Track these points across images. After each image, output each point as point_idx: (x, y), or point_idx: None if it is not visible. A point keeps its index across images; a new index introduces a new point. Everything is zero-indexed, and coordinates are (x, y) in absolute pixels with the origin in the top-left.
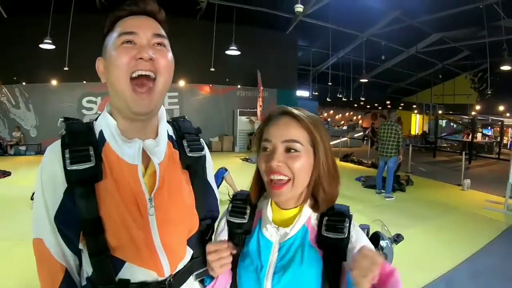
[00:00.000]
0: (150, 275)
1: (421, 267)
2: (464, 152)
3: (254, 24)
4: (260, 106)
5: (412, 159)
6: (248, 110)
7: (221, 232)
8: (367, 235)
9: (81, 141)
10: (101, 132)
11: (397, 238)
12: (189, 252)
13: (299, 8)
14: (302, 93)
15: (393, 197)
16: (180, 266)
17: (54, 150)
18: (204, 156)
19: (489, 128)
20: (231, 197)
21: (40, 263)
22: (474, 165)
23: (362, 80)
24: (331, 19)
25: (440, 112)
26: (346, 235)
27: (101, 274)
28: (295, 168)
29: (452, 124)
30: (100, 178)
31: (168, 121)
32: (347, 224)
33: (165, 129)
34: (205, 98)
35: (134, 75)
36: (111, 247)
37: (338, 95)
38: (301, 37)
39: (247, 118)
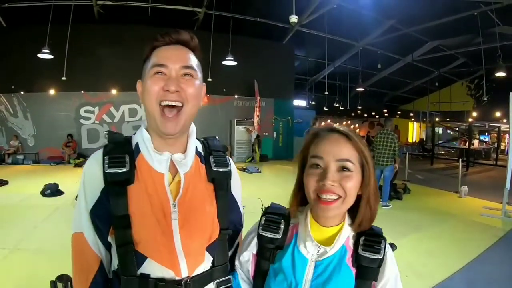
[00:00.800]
0: (168, 273)
1: (417, 275)
2: (461, 159)
3: (251, 34)
4: (258, 115)
5: (410, 167)
6: (245, 120)
7: (250, 245)
8: None
9: (120, 150)
10: (137, 144)
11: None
12: (208, 258)
13: (293, 19)
14: (299, 102)
15: (390, 205)
16: (199, 270)
17: (96, 156)
18: (229, 171)
19: (486, 134)
20: (263, 210)
21: (78, 255)
22: (472, 172)
23: (358, 89)
24: (327, 28)
25: (437, 119)
26: (382, 256)
27: (125, 265)
28: (347, 188)
29: (448, 131)
30: (131, 182)
31: (199, 139)
32: (383, 246)
33: (194, 145)
34: (202, 108)
35: (162, 103)
36: (135, 242)
37: (335, 104)
38: (297, 46)
39: (243, 127)
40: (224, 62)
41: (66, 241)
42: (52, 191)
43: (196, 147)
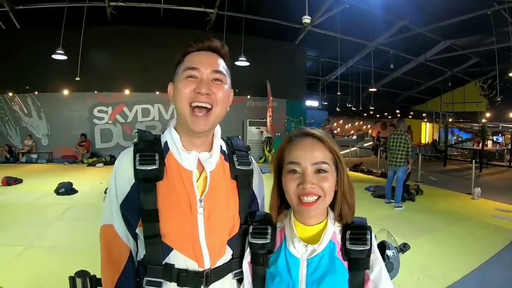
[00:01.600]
0: (191, 264)
1: (429, 276)
2: (474, 161)
3: (263, 34)
4: (270, 116)
5: (422, 168)
6: (258, 120)
7: (245, 255)
8: None
9: (150, 148)
10: (166, 143)
11: (404, 248)
12: (228, 252)
13: (306, 19)
14: (312, 103)
15: (402, 206)
16: (220, 262)
17: (127, 153)
18: (251, 170)
19: (500, 135)
20: (250, 220)
21: (108, 246)
22: (485, 173)
23: (371, 89)
24: (340, 29)
25: (450, 120)
26: (369, 247)
27: (152, 255)
28: (325, 188)
29: (459, 132)
30: (161, 178)
31: (223, 138)
32: (369, 236)
33: (219, 144)
34: None
35: (193, 104)
36: (162, 234)
37: (347, 105)
38: (310, 47)
39: (256, 128)
40: (236, 63)
41: (79, 239)
42: (66, 189)
43: (221, 146)
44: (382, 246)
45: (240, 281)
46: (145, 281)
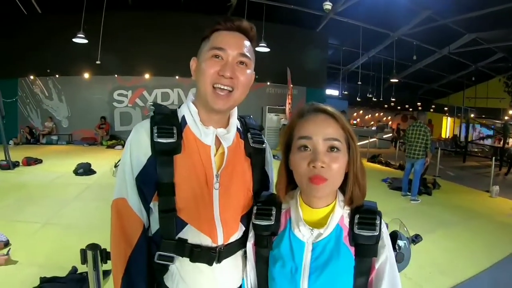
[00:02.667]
0: (205, 240)
1: (441, 272)
2: (494, 158)
3: (284, 21)
4: (289, 103)
5: (441, 163)
6: (277, 107)
7: (248, 236)
8: None
9: (167, 121)
10: (183, 117)
11: (416, 239)
12: (241, 228)
13: (327, 5)
14: (332, 92)
15: (418, 200)
16: (233, 239)
17: (144, 125)
18: (264, 149)
19: None
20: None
21: (120, 220)
22: (505, 172)
23: (392, 80)
24: (362, 17)
25: (471, 115)
26: (377, 232)
27: (166, 229)
28: (335, 169)
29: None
30: (178, 152)
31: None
32: (378, 222)
33: (236, 122)
34: None
35: (215, 86)
36: (178, 208)
37: (368, 95)
38: (331, 35)
39: (275, 115)
40: (257, 49)
41: (95, 218)
42: (85, 170)
43: (237, 124)
44: (394, 236)
45: None
46: (157, 255)
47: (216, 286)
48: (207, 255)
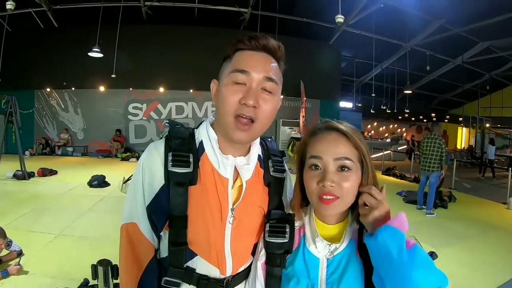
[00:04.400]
0: (213, 271)
1: (457, 286)
2: (511, 168)
3: (297, 34)
4: (303, 116)
5: (457, 174)
6: (291, 120)
7: (259, 256)
8: None
9: (184, 147)
10: (201, 142)
11: (431, 256)
12: (251, 259)
13: (339, 18)
14: (345, 104)
15: (434, 213)
16: (241, 269)
17: (158, 149)
18: (284, 178)
19: None
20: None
21: (132, 245)
22: None
23: (406, 92)
24: (375, 28)
25: (487, 125)
26: None
27: (174, 259)
28: (347, 188)
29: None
30: (194, 183)
31: None
32: None
33: (257, 152)
34: None
35: (237, 114)
36: (189, 241)
37: (382, 107)
38: (344, 47)
39: (289, 128)
40: None
41: (108, 230)
42: (99, 182)
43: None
44: None
45: None
46: (163, 280)
47: None
48: (214, 287)
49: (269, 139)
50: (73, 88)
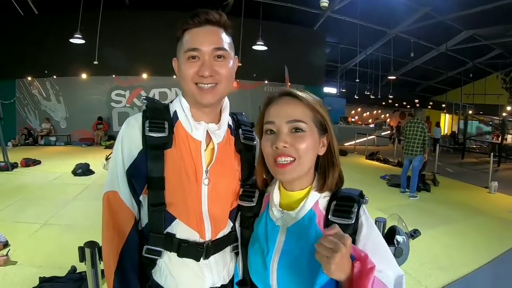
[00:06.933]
0: (193, 235)
1: (440, 267)
2: (493, 154)
3: (282, 19)
4: None
5: (440, 159)
6: None
7: (238, 217)
8: (383, 228)
9: (159, 116)
10: (175, 112)
11: (414, 234)
12: (229, 224)
13: (324, 3)
14: (330, 89)
15: (417, 196)
16: (220, 235)
17: (136, 118)
18: (255, 146)
19: None
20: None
21: (112, 213)
22: (503, 168)
23: (390, 78)
24: (359, 15)
25: (470, 112)
26: (353, 221)
27: (154, 223)
28: (301, 149)
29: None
30: (169, 146)
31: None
32: (355, 210)
33: (227, 118)
34: (232, 93)
35: (198, 85)
36: (167, 203)
37: (366, 93)
38: (329, 33)
39: None
40: (254, 47)
41: (95, 217)
42: (83, 170)
43: (228, 121)
44: (392, 231)
45: (237, 254)
46: (145, 249)
47: (203, 282)
48: (194, 251)
49: (240, 114)
50: (54, 76)
